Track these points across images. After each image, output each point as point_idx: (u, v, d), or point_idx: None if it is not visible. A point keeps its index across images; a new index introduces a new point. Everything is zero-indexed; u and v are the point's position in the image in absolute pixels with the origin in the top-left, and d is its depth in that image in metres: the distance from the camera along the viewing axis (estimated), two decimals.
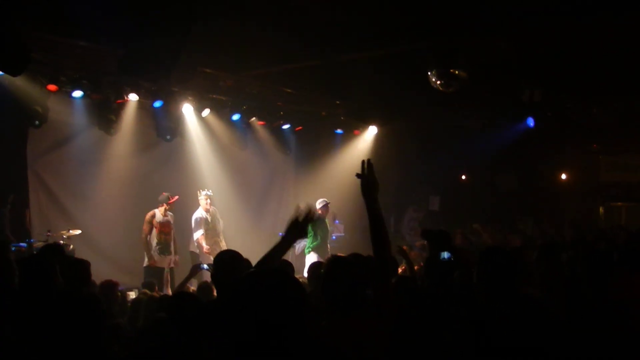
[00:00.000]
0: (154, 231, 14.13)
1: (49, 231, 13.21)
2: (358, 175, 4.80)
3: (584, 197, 20.83)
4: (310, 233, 15.67)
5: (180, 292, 7.17)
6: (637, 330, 5.23)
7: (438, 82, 12.96)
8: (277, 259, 4.79)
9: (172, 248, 14.40)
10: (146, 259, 13.99)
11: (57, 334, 4.97)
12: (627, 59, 13.41)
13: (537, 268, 7.36)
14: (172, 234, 14.45)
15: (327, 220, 16.26)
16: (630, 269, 6.44)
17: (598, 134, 19.35)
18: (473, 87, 13.52)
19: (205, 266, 9.91)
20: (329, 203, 16.03)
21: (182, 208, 15.37)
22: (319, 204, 15.80)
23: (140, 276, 13.61)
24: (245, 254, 5.92)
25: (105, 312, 6.03)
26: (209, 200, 15.09)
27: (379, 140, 19.62)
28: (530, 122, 17.94)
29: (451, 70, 12.89)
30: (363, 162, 4.82)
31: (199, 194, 15.13)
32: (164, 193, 14.29)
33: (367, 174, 4.79)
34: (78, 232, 13.92)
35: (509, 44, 12.88)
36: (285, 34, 11.95)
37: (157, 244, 14.09)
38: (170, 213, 14.43)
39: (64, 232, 13.64)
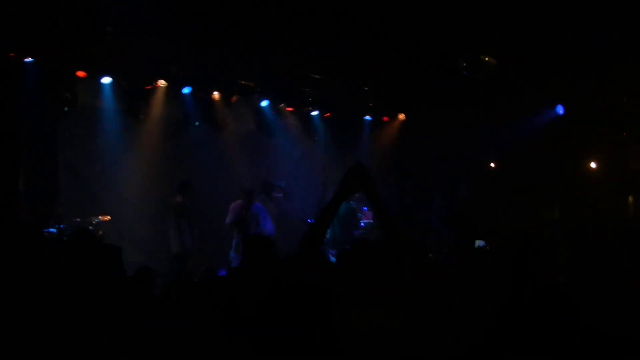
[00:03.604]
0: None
1: (78, 217, 13.29)
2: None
3: (613, 186, 20.68)
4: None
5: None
6: None
7: (467, 69, 12.91)
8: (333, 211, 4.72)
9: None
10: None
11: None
12: None
13: (563, 255, 7.35)
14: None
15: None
16: None
17: (628, 123, 19.19)
18: (502, 73, 13.46)
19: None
20: None
21: (208, 195, 15.36)
22: None
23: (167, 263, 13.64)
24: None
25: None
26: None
27: (407, 127, 19.60)
28: (560, 109, 17.86)
29: (480, 57, 12.84)
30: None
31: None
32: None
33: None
34: (107, 218, 13.98)
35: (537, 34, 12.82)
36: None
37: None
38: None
39: (93, 218, 13.71)
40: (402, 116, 19.43)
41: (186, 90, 14.91)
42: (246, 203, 14.41)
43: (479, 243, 7.05)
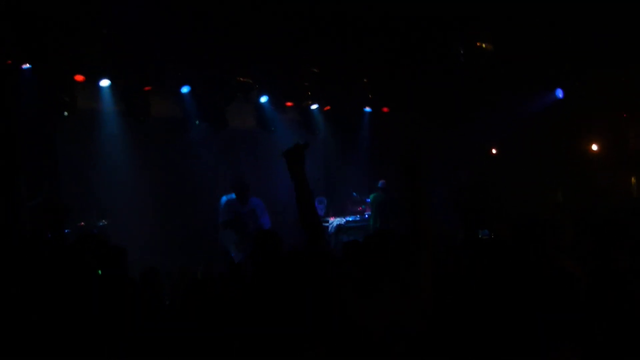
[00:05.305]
0: None
1: (82, 221, 13.30)
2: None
3: (615, 167, 20.63)
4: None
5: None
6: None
7: (464, 57, 12.89)
8: (308, 203, 4.66)
9: None
10: None
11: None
12: None
13: (569, 238, 7.32)
14: None
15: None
16: None
17: (627, 103, 19.17)
18: (500, 58, 13.42)
19: None
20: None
21: (209, 193, 15.36)
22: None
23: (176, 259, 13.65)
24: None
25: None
26: None
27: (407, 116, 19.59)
28: (559, 93, 17.88)
29: (477, 43, 12.81)
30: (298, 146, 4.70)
31: None
32: None
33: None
34: (111, 220, 13.99)
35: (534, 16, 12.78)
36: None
37: None
38: None
39: (97, 221, 13.73)
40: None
41: (185, 89, 14.92)
42: (240, 199, 13.79)
43: (482, 233, 7.01)
